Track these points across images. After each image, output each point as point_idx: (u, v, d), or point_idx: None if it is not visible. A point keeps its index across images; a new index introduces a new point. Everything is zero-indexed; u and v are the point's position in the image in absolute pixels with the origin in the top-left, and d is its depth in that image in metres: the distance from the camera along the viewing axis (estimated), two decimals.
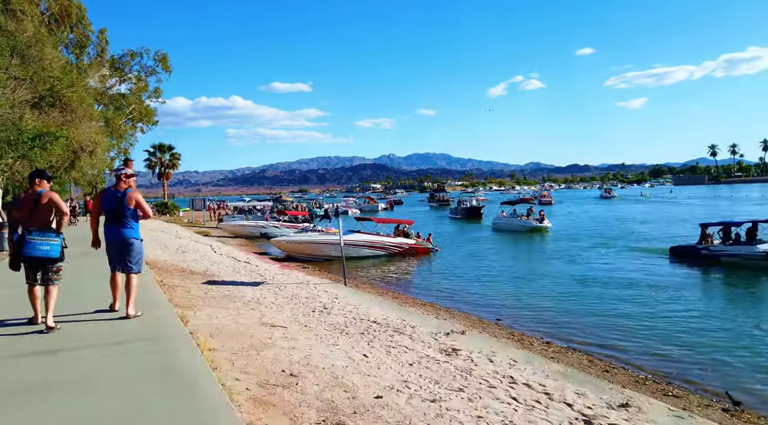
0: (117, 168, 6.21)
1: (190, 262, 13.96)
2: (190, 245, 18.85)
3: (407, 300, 13.54)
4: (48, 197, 5.48)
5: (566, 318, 11.93)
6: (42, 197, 5.45)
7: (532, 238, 28.76)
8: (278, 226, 35.07)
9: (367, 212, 68.50)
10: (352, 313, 8.13)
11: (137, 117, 40.42)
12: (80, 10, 27.76)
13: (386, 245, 23.83)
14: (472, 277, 17.18)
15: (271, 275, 12.39)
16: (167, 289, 8.94)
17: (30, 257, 5.42)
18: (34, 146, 11.74)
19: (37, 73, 14.48)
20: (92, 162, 29.17)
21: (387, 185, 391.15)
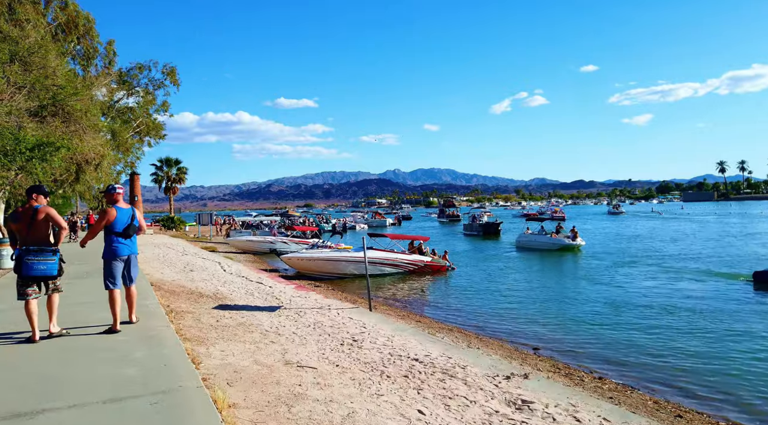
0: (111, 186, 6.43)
1: (199, 282, 12.91)
2: (198, 263, 17.81)
3: (431, 324, 12.44)
4: (45, 212, 5.60)
5: (612, 348, 10.74)
6: (39, 212, 5.58)
7: (561, 257, 26.53)
8: (287, 241, 34.14)
9: (374, 227, 67.57)
10: (386, 347, 7.03)
11: (144, 131, 39.76)
12: (88, 21, 27.20)
13: (401, 262, 22.74)
14: (496, 299, 16.03)
15: (287, 298, 11.31)
16: (175, 316, 7.89)
17: (28, 276, 5.58)
18: (33, 156, 10.84)
19: (39, 81, 13.64)
20: (97, 176, 28.39)
21: (392, 200, 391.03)
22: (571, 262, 24.72)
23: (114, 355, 5.13)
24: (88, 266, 13.38)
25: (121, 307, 6.33)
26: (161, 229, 48.29)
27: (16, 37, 13.73)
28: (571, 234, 29.09)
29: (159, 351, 5.29)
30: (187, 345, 6.05)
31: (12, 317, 7.02)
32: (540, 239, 30.19)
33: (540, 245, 29.86)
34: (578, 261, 24.79)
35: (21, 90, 12.40)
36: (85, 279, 11.00)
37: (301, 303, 10.66)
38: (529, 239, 31.52)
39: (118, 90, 36.75)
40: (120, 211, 6.27)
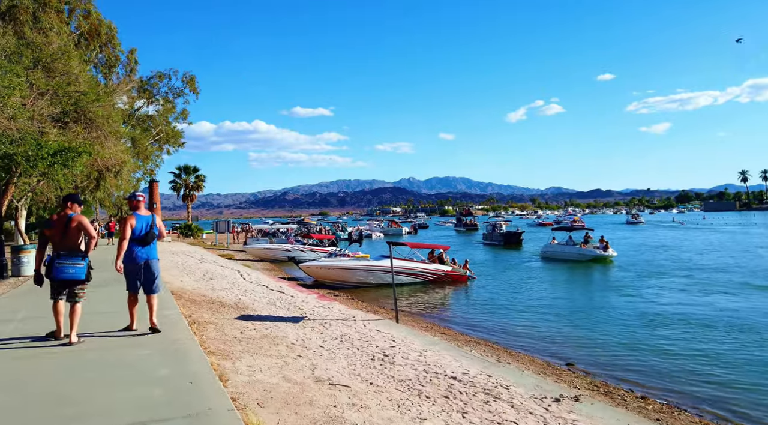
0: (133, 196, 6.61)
1: (219, 291, 12.63)
2: (217, 271, 17.58)
3: (457, 337, 11.98)
4: (77, 221, 5.90)
5: (649, 364, 10.16)
6: (72, 220, 5.87)
7: (589, 268, 25.41)
8: (304, 249, 33.93)
9: (390, 235, 67.10)
10: (420, 363, 6.62)
11: (164, 138, 39.99)
12: (110, 29, 27.43)
13: (422, 271, 22.29)
14: (520, 310, 15.47)
15: (310, 308, 10.96)
16: (197, 328, 7.57)
17: (59, 280, 5.82)
18: (55, 162, 10.69)
19: (62, 87, 13.57)
20: (117, 183, 28.47)
21: (407, 208, 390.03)
22: (600, 273, 23.80)
23: (137, 372, 4.80)
24: (108, 273, 13.17)
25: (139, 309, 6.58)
26: (179, 236, 48.47)
27: (39, 43, 13.70)
28: (601, 244, 27.86)
29: (184, 368, 4.96)
30: (212, 359, 5.71)
31: (32, 325, 6.79)
32: (568, 250, 29.05)
33: (568, 255, 28.69)
34: (606, 272, 23.91)
35: (43, 96, 12.32)
36: (105, 287, 10.77)
37: (324, 314, 10.29)
38: (555, 249, 30.36)
39: (139, 98, 37.07)
40: (138, 218, 6.42)
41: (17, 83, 9.40)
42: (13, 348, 5.82)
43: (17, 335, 6.48)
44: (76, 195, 6.20)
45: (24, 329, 6.87)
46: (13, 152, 9.98)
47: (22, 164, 10.23)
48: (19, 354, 5.58)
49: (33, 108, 11.29)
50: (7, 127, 9.54)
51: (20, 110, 9.80)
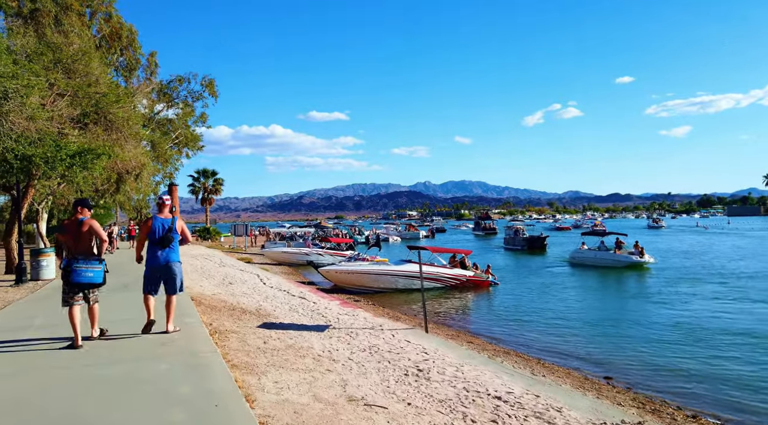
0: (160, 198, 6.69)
1: (239, 296, 12.26)
2: (237, 275, 17.25)
3: (485, 346, 11.45)
4: (88, 225, 5.99)
5: (693, 379, 9.50)
6: (83, 224, 5.97)
7: (622, 275, 24.18)
8: (322, 253, 33.62)
9: (408, 239, 66.42)
10: (458, 380, 6.10)
11: (183, 142, 40.01)
12: (131, 32, 27.44)
13: (443, 276, 21.75)
14: (548, 318, 14.82)
15: (333, 315, 10.51)
16: (219, 337, 7.16)
17: (77, 283, 5.90)
18: (74, 164, 10.44)
19: (82, 88, 13.37)
20: (137, 186, 28.44)
21: (423, 212, 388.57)
22: (632, 280, 22.76)
23: (157, 390, 4.39)
24: (125, 277, 12.92)
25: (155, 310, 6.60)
26: (197, 239, 48.57)
27: (60, 43, 13.53)
28: (636, 250, 26.59)
29: (207, 385, 4.53)
30: (236, 373, 5.29)
31: (48, 333, 6.46)
32: (601, 256, 27.69)
33: (601, 261, 27.37)
34: (639, 279, 22.91)
35: (62, 96, 12.11)
36: (123, 292, 10.46)
37: (350, 322, 9.83)
38: (586, 255, 29.00)
39: (159, 102, 37.15)
40: (156, 221, 6.50)
41: (36, 82, 9.16)
42: (27, 359, 5.47)
43: (33, 344, 6.14)
44: (85, 200, 6.33)
45: (40, 337, 6.53)
46: (31, 154, 9.74)
47: (41, 166, 9.99)
48: (34, 365, 5.22)
49: (52, 108, 11.05)
50: (25, 128, 9.30)
51: (39, 110, 9.55)
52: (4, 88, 8.63)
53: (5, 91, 8.67)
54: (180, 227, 6.53)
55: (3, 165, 9.86)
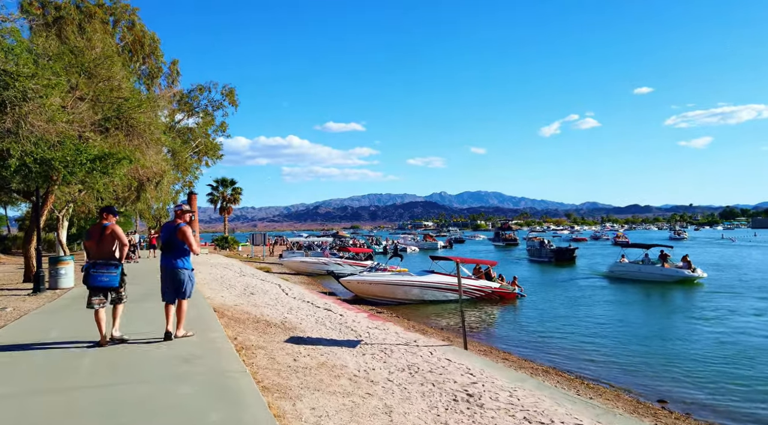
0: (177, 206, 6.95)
1: (263, 308, 11.69)
2: (258, 285, 16.73)
3: (521, 363, 10.70)
4: (111, 229, 6.31)
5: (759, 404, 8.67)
6: (107, 229, 6.29)
7: (669, 289, 22.27)
8: (341, 263, 33.12)
9: (426, 249, 65.54)
10: (516, 408, 5.41)
11: (203, 150, 39.97)
12: (153, 40, 27.45)
13: (468, 288, 20.97)
14: (584, 333, 13.96)
15: (363, 329, 9.86)
16: (245, 354, 6.57)
17: (94, 286, 6.20)
18: (94, 168, 10.03)
19: (104, 93, 13.06)
20: (157, 195, 28.24)
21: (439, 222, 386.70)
22: (677, 295, 21.22)
23: (184, 418, 3.79)
24: (143, 287, 12.46)
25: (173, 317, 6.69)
26: (216, 248, 48.42)
27: (82, 47, 13.26)
28: (684, 263, 24.73)
29: (239, 413, 3.93)
30: (269, 397, 4.68)
31: (64, 348, 5.96)
32: (646, 270, 25.64)
33: (647, 276, 25.31)
34: (686, 294, 21.46)
35: (83, 100, 11.76)
36: (141, 303, 9.96)
37: (381, 337, 9.18)
38: (628, 268, 26.87)
39: (179, 111, 37.17)
40: (164, 227, 6.80)
41: (56, 82, 8.78)
42: (40, 379, 4.93)
43: (46, 361, 5.62)
44: (111, 207, 6.64)
45: (55, 352, 6.01)
46: (51, 157, 9.35)
47: (61, 170, 9.58)
48: (47, 386, 4.67)
49: (73, 111, 10.69)
50: (45, 130, 8.92)
51: (59, 112, 9.17)
52: (23, 87, 8.26)
53: (24, 91, 8.31)
54: (183, 237, 6.47)
55: (22, 169, 9.49)
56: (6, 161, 9.15)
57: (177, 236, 6.48)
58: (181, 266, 6.53)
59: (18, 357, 5.82)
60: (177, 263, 6.52)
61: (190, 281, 6.65)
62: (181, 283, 6.52)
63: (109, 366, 5.36)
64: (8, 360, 5.73)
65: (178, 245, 6.50)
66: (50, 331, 7.37)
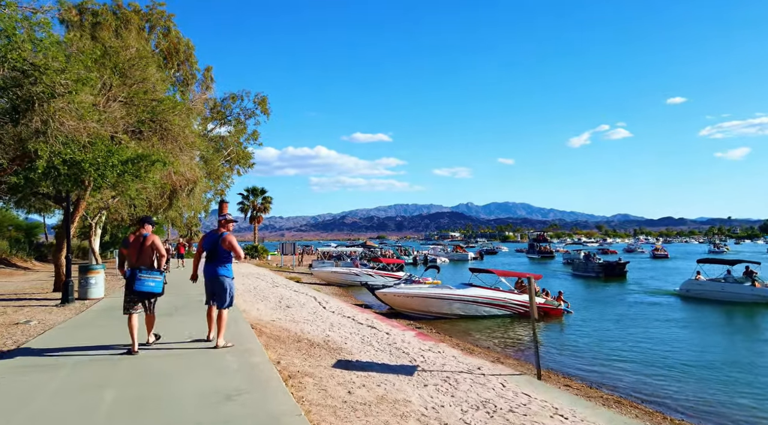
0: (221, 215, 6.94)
1: (302, 324, 10.75)
2: (293, 297, 15.86)
3: (587, 391, 9.44)
4: (152, 240, 6.49)
5: None
6: (147, 239, 6.46)
7: (757, 312, 19.69)
8: (372, 274, 32.22)
9: (455, 260, 63.97)
10: None
11: (235, 159, 39.74)
12: (188, 47, 27.25)
13: (511, 303, 19.74)
14: (651, 358, 12.45)
15: (416, 351, 8.80)
16: (293, 384, 5.60)
17: (139, 292, 6.36)
18: (125, 171, 9.33)
19: (138, 95, 12.45)
20: (189, 203, 27.85)
21: (466, 233, 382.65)
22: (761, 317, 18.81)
23: None
24: (176, 298, 11.68)
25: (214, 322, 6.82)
26: (246, 257, 48.18)
27: (117, 47, 12.71)
28: None
29: None
30: None
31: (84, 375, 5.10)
32: (731, 288, 22.42)
33: (732, 296, 22.15)
34: None
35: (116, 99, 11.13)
36: (173, 317, 9.13)
37: (439, 362, 8.09)
38: (707, 287, 23.57)
39: (212, 120, 37.06)
40: (207, 236, 6.89)
41: (86, 77, 8.11)
42: (54, 416, 4.04)
43: (63, 395, 4.74)
44: (149, 217, 6.82)
45: (73, 381, 5.14)
46: (81, 159, 8.67)
47: (91, 173, 8.89)
48: None
49: (105, 109, 10.03)
50: (75, 129, 8.25)
51: (90, 110, 8.49)
52: (52, 82, 7.59)
53: (53, 86, 7.63)
54: (227, 243, 6.59)
55: (51, 172, 8.83)
56: (34, 162, 8.49)
57: (222, 244, 6.58)
58: (223, 273, 6.63)
59: (34, 381, 4.98)
60: (219, 271, 6.62)
61: (231, 290, 6.75)
62: (223, 291, 6.63)
63: (137, 403, 4.45)
64: (24, 385, 4.89)
65: (221, 254, 6.62)
66: (72, 354, 6.54)
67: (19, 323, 8.85)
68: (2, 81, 7.72)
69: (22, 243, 32.86)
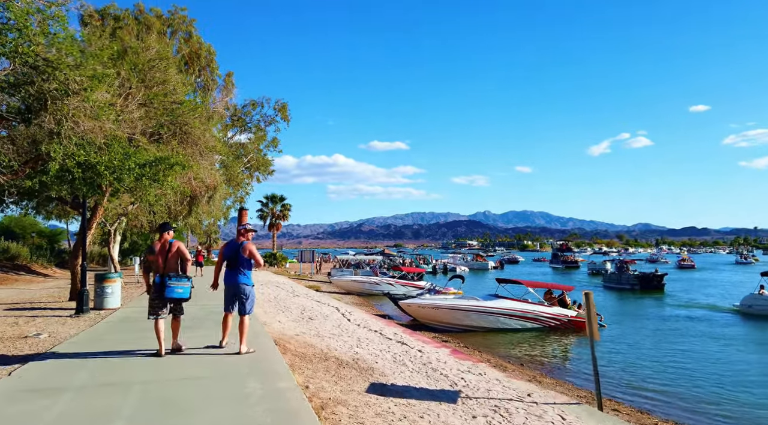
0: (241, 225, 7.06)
1: (327, 338, 10.02)
2: (315, 308, 15.15)
3: (641, 419, 8.52)
4: (177, 246, 6.70)
5: None
6: (173, 245, 6.68)
7: None
8: (392, 283, 31.44)
9: (475, 270, 62.61)
10: None
11: (254, 166, 39.44)
12: (209, 53, 27.01)
13: (541, 315, 18.82)
14: (706, 380, 11.45)
15: (453, 373, 7.99)
16: (324, 415, 4.86)
17: (169, 298, 6.55)
18: (143, 174, 8.77)
19: (158, 97, 11.94)
20: (209, 209, 27.46)
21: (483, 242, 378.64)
22: None
23: None
24: (197, 309, 11.03)
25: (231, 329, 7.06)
26: (265, 265, 47.76)
27: (136, 47, 12.25)
28: None
29: None
30: None
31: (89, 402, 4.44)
32: None
33: None
34: None
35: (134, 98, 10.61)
36: (195, 331, 8.47)
37: (483, 387, 7.27)
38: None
39: (232, 126, 36.84)
40: (227, 245, 7.00)
41: (102, 74, 7.56)
42: None
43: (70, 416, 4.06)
44: (169, 223, 6.88)
45: (76, 410, 4.46)
46: (96, 161, 8.12)
47: (106, 176, 8.33)
48: None
49: (122, 109, 9.49)
50: (90, 129, 7.69)
51: (106, 109, 7.94)
52: (66, 78, 7.05)
53: (66, 82, 7.09)
54: (248, 251, 6.73)
55: (64, 175, 8.29)
56: (47, 165, 7.96)
57: (243, 253, 6.69)
58: (243, 281, 6.74)
59: (28, 411, 4.32)
60: (240, 279, 6.73)
61: (251, 298, 6.88)
62: (245, 298, 6.75)
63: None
64: (16, 417, 4.23)
65: (241, 262, 6.73)
66: (77, 375, 5.89)
67: (29, 336, 8.27)
68: (13, 77, 7.20)
69: (43, 250, 32.84)
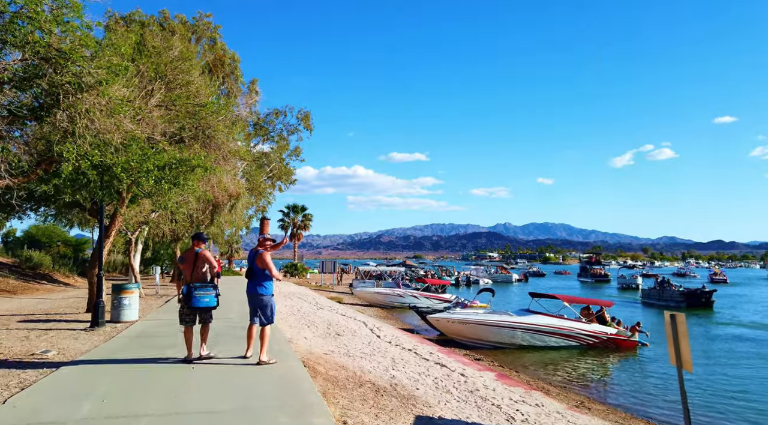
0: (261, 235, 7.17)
1: (359, 358, 9.11)
2: (341, 322, 14.27)
3: None
4: (203, 255, 6.89)
5: None
6: (199, 254, 6.87)
7: None
8: (416, 295, 30.47)
9: (499, 282, 60.98)
10: None
11: (277, 175, 39.03)
12: (234, 60, 26.66)
13: (579, 333, 17.66)
14: None
15: (506, 403, 7.01)
16: None
17: (195, 307, 6.76)
18: (162, 177, 8.09)
19: (180, 99, 11.33)
20: (231, 218, 26.98)
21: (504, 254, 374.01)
22: None
23: None
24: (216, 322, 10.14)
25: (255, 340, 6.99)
26: (285, 276, 47.15)
27: (158, 47, 11.69)
28: None
29: None
30: None
31: None
32: None
33: None
34: None
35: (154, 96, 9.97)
36: (214, 347, 7.65)
37: (543, 421, 6.28)
38: None
39: (255, 136, 36.54)
40: (249, 255, 7.01)
41: (119, 66, 6.89)
42: None
43: None
44: (201, 233, 7.07)
45: None
46: (112, 163, 7.45)
47: (123, 179, 7.66)
48: None
49: (140, 105, 8.84)
50: (106, 128, 7.02)
51: (123, 105, 7.26)
52: (80, 71, 6.39)
53: (80, 75, 6.43)
54: (261, 262, 6.70)
55: (78, 178, 7.63)
56: (59, 166, 7.31)
57: (256, 262, 6.69)
58: (260, 292, 6.71)
59: None
60: (257, 289, 6.71)
61: (270, 307, 6.82)
62: (263, 308, 6.72)
63: None
64: None
65: (256, 272, 6.72)
66: (82, 404, 5.09)
67: (36, 353, 7.57)
68: (24, 70, 6.57)
69: (67, 258, 32.74)
